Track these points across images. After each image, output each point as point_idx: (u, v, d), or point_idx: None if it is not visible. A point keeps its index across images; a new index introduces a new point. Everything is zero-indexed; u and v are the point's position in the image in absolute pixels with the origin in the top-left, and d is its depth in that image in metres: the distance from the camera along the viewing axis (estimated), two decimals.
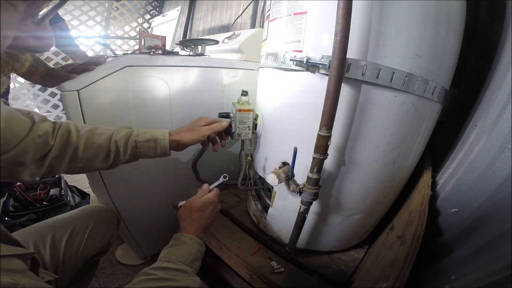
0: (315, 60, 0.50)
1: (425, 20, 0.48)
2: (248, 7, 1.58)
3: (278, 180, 0.59)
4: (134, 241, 1.00)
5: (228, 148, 1.10)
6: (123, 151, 0.55)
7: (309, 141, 0.53)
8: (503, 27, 0.60)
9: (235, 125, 0.70)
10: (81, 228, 0.65)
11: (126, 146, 0.56)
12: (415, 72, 0.49)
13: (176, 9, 1.95)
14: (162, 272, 0.44)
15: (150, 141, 0.58)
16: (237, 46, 1.08)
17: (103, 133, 0.55)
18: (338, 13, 0.43)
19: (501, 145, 0.39)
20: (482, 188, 0.41)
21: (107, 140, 0.54)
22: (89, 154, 0.53)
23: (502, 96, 0.45)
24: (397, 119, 0.53)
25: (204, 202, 0.58)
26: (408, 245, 0.39)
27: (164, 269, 0.44)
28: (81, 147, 0.52)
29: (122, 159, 0.56)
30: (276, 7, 0.59)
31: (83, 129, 0.54)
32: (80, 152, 0.52)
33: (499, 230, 0.32)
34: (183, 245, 0.50)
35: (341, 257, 0.73)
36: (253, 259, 0.70)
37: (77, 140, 0.52)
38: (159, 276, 0.43)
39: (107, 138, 0.55)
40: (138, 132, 0.58)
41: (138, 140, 0.57)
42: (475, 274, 0.31)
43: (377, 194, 0.63)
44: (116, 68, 0.72)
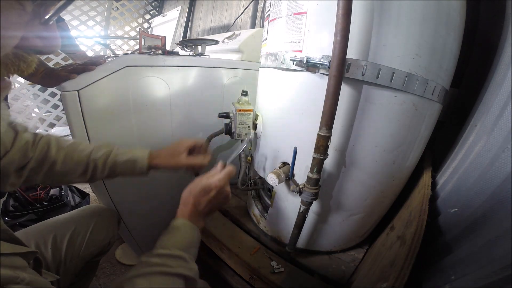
0: (315, 60, 0.50)
1: (425, 20, 0.48)
2: (248, 7, 1.58)
3: (278, 180, 0.59)
4: (134, 241, 1.00)
5: (228, 149, 1.10)
6: (101, 169, 0.57)
7: (309, 141, 0.53)
8: (503, 27, 0.60)
9: (235, 125, 0.70)
10: (83, 228, 0.65)
11: (104, 165, 0.57)
12: (415, 72, 0.49)
13: (176, 9, 1.95)
14: (157, 258, 0.43)
15: (129, 162, 0.59)
16: (237, 46, 1.08)
17: (82, 149, 0.57)
18: (338, 13, 0.43)
19: (501, 145, 0.39)
20: (482, 188, 0.41)
21: (86, 157, 0.56)
22: (67, 169, 0.55)
23: (502, 96, 0.45)
24: (397, 119, 0.53)
25: (204, 186, 0.54)
26: (408, 245, 0.39)
27: (158, 256, 0.43)
28: (59, 162, 0.53)
29: (99, 176, 0.58)
30: (276, 7, 0.59)
31: (63, 144, 0.55)
32: (58, 166, 0.53)
33: (499, 230, 0.32)
34: (177, 231, 0.49)
35: (341, 257, 0.73)
36: (253, 259, 0.70)
37: (56, 155, 0.53)
38: (153, 262, 0.42)
39: (86, 155, 0.56)
40: (117, 152, 0.59)
41: (117, 160, 0.58)
42: (475, 274, 0.31)
43: (377, 194, 0.63)
44: (116, 68, 0.72)
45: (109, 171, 0.58)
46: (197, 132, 0.97)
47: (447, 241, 0.44)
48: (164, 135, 0.90)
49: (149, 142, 0.88)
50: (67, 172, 0.55)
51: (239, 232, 0.82)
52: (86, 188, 1.49)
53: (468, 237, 0.39)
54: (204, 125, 0.98)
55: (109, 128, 0.77)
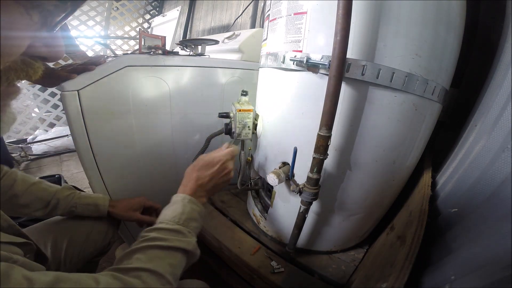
0: (315, 60, 0.50)
1: (425, 20, 0.48)
2: (248, 7, 1.58)
3: (278, 180, 0.59)
4: (134, 241, 1.00)
5: None
6: (62, 206, 0.63)
7: (309, 141, 0.53)
8: (503, 27, 0.60)
9: (235, 125, 0.70)
10: (83, 228, 0.66)
11: (66, 204, 0.64)
12: (415, 72, 0.49)
13: (176, 9, 1.95)
14: (155, 232, 0.43)
15: (90, 205, 0.67)
16: (237, 46, 1.08)
17: (46, 188, 0.63)
18: (338, 13, 0.43)
19: (501, 145, 0.39)
20: (482, 188, 0.41)
21: (50, 195, 0.62)
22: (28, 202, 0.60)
23: (502, 96, 0.45)
24: (397, 119, 0.53)
25: (208, 159, 0.55)
26: (408, 245, 0.39)
27: (156, 229, 0.44)
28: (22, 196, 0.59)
29: (58, 212, 0.64)
30: (276, 7, 0.59)
31: (29, 181, 0.62)
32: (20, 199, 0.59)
33: (499, 230, 0.32)
34: (176, 205, 0.49)
35: (341, 257, 0.73)
36: (253, 259, 0.70)
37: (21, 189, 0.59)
38: (151, 236, 0.42)
39: (50, 193, 0.63)
40: (80, 195, 0.67)
41: (79, 203, 0.66)
42: (475, 274, 0.31)
43: (377, 194, 0.63)
44: (116, 68, 0.72)
45: (69, 211, 0.65)
46: (197, 132, 0.97)
47: (447, 241, 0.44)
48: (164, 135, 0.90)
49: (149, 142, 0.88)
50: (28, 205, 0.60)
51: (239, 232, 0.82)
52: (86, 188, 1.49)
53: (468, 237, 0.39)
54: (204, 125, 0.98)
55: (109, 128, 0.77)
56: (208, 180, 0.54)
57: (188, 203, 0.50)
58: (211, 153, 0.57)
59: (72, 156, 2.13)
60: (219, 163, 0.55)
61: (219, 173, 0.55)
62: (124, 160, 0.84)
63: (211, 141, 0.86)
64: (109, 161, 0.81)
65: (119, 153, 0.82)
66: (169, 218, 0.46)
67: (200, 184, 0.53)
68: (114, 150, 0.81)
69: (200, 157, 0.57)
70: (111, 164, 0.81)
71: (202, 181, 0.53)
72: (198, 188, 0.53)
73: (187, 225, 0.46)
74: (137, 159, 0.86)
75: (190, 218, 0.48)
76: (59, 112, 2.34)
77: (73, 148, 2.00)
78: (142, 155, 0.87)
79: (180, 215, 0.47)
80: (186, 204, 0.49)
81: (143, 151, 0.87)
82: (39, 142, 2.24)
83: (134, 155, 0.85)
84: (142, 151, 0.87)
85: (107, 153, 0.79)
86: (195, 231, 0.48)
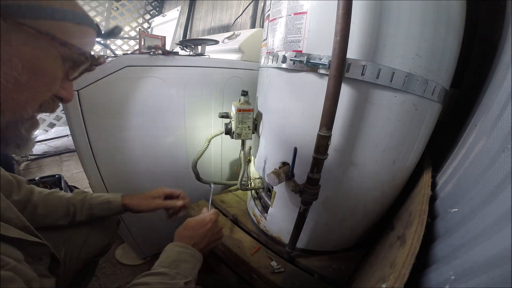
0: (315, 60, 0.50)
1: (425, 20, 0.48)
2: (248, 7, 1.58)
3: (278, 180, 0.59)
4: (134, 241, 1.00)
5: (228, 149, 1.10)
6: (79, 211, 0.63)
7: (309, 141, 0.53)
8: (503, 27, 0.60)
9: (235, 125, 0.70)
10: (82, 228, 0.65)
11: (82, 207, 0.64)
12: (415, 72, 0.49)
13: (176, 9, 1.95)
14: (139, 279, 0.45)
15: (104, 203, 0.66)
16: (237, 46, 1.08)
17: (61, 196, 0.64)
18: (338, 13, 0.43)
19: (501, 145, 0.39)
20: (482, 188, 0.40)
21: (66, 201, 0.63)
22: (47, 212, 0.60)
23: (502, 96, 0.45)
24: (397, 119, 0.53)
25: (199, 220, 0.59)
26: (408, 245, 0.39)
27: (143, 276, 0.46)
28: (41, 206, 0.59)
29: (78, 218, 0.63)
30: (276, 7, 0.59)
31: (44, 192, 0.63)
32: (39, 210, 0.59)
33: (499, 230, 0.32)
34: (163, 253, 0.52)
35: (341, 257, 0.73)
36: (253, 259, 0.70)
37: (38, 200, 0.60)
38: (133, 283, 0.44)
39: (66, 200, 0.63)
40: (92, 196, 0.66)
41: (92, 203, 0.65)
42: (475, 274, 0.31)
43: (377, 194, 0.63)
44: (116, 68, 0.72)
45: (87, 213, 0.64)
46: (197, 132, 0.97)
47: (447, 241, 0.44)
48: (163, 135, 0.90)
49: (149, 142, 0.88)
50: (47, 215, 0.60)
51: (239, 232, 0.82)
52: (86, 188, 1.49)
53: (468, 237, 0.39)
54: (204, 125, 0.98)
55: (109, 128, 0.77)
56: (202, 239, 0.57)
57: (174, 247, 0.52)
58: (196, 217, 0.60)
59: (72, 156, 2.13)
60: (210, 222, 0.59)
61: (212, 231, 0.59)
62: (124, 160, 0.84)
63: (211, 141, 0.86)
64: (109, 161, 0.81)
65: (119, 153, 0.82)
66: (155, 264, 0.48)
67: (194, 243, 0.55)
68: (114, 150, 0.81)
69: (189, 219, 0.59)
70: (111, 164, 0.81)
71: (195, 240, 0.56)
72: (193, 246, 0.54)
73: (176, 267, 0.48)
74: (137, 159, 0.86)
75: (178, 259, 0.50)
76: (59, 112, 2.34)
77: (73, 148, 2.00)
78: (142, 155, 0.87)
79: (165, 259, 0.49)
80: (173, 248, 0.52)
81: (143, 151, 0.87)
82: (39, 142, 2.24)
83: (134, 155, 0.85)
84: (142, 151, 0.87)
85: (107, 153, 0.79)
86: (187, 272, 0.49)
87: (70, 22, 0.32)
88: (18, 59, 0.29)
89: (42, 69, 0.32)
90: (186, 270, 0.49)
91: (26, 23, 0.28)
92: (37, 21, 0.29)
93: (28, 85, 0.31)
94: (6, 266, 0.31)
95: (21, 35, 0.29)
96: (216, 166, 1.09)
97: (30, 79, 0.30)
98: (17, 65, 0.29)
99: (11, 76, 0.29)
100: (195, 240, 0.56)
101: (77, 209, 0.63)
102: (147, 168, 0.90)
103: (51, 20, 0.30)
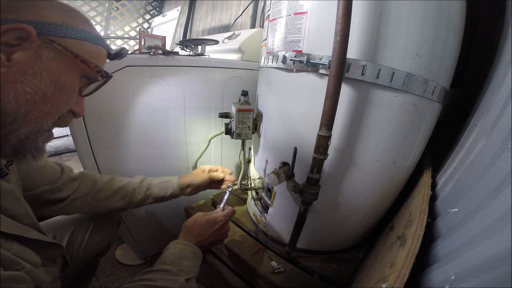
0: (315, 60, 0.50)
1: (425, 20, 0.48)
2: (248, 7, 1.57)
3: (278, 180, 0.59)
4: (134, 241, 1.00)
5: (228, 149, 1.10)
6: (137, 194, 0.67)
7: (309, 141, 0.53)
8: (503, 27, 0.60)
9: (235, 125, 0.70)
10: (82, 229, 0.65)
11: (140, 188, 0.68)
12: (415, 72, 0.49)
13: (176, 9, 1.95)
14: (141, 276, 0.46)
15: (163, 183, 0.71)
16: (237, 46, 1.08)
17: (122, 179, 0.68)
18: (338, 13, 0.43)
19: (501, 145, 0.39)
20: (482, 188, 0.40)
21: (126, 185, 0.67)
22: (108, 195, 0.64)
23: (502, 96, 0.45)
24: (397, 119, 0.53)
25: (211, 218, 0.60)
26: (408, 245, 0.39)
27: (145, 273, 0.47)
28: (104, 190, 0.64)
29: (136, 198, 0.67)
30: (276, 7, 0.59)
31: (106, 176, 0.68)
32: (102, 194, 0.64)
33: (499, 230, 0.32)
34: (166, 251, 0.53)
35: (341, 257, 0.73)
36: (253, 259, 0.70)
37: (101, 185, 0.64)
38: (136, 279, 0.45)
39: (125, 183, 0.67)
40: (151, 179, 0.72)
41: (152, 182, 0.70)
42: (476, 274, 0.31)
43: (377, 194, 0.63)
44: (116, 68, 0.72)
45: (144, 194, 0.68)
46: (197, 132, 0.97)
47: (447, 241, 0.44)
48: (163, 135, 0.90)
49: (149, 142, 0.88)
50: (109, 198, 0.64)
51: (239, 232, 0.82)
52: None
53: (468, 237, 0.39)
54: (204, 125, 0.98)
55: (109, 128, 0.77)
56: (207, 238, 0.59)
57: (177, 245, 0.54)
58: (211, 213, 0.62)
59: (72, 156, 2.13)
60: (220, 223, 0.61)
61: (218, 232, 0.60)
62: (124, 159, 0.84)
63: (211, 142, 0.86)
64: (109, 161, 0.81)
65: (119, 153, 0.82)
66: (158, 261, 0.50)
67: (198, 241, 0.57)
68: (114, 150, 0.81)
69: (200, 214, 0.61)
70: (111, 164, 0.81)
71: (201, 238, 0.57)
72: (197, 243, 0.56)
73: (179, 264, 0.49)
74: (137, 159, 0.86)
75: (180, 257, 0.51)
76: None
77: (73, 148, 2.00)
78: (142, 155, 0.87)
79: (169, 256, 0.51)
80: (176, 246, 0.53)
81: (143, 151, 0.87)
82: None
83: (134, 154, 0.85)
84: (142, 151, 0.87)
85: (107, 153, 0.79)
86: (189, 269, 0.50)
87: (89, 42, 0.36)
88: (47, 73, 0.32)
89: (64, 84, 0.35)
90: (188, 267, 0.50)
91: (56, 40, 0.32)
92: (64, 39, 0.33)
93: (52, 97, 0.33)
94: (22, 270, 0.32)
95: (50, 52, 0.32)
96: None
97: (54, 92, 0.33)
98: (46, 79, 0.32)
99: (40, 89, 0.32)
100: (200, 238, 0.57)
101: (135, 191, 0.67)
102: (147, 167, 0.90)
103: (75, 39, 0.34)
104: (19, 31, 0.29)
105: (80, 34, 0.35)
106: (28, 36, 0.29)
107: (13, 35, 0.29)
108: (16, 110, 0.31)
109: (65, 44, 0.33)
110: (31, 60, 0.31)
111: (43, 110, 0.33)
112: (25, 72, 0.30)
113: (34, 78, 0.31)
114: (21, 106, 0.31)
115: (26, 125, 0.32)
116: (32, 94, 0.31)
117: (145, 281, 0.44)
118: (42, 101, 0.32)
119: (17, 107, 0.30)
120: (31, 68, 0.31)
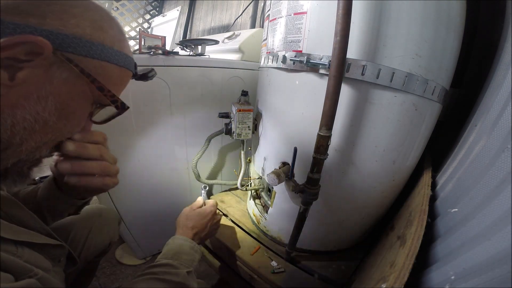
0: (315, 60, 0.50)
1: (425, 20, 0.48)
2: (248, 7, 1.57)
3: (278, 180, 0.59)
4: (134, 241, 1.00)
5: (228, 149, 1.10)
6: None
7: (309, 141, 0.53)
8: (503, 27, 0.60)
9: (235, 125, 0.70)
10: (83, 229, 0.65)
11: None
12: (415, 72, 0.49)
13: (176, 9, 1.95)
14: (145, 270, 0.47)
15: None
16: (237, 46, 1.08)
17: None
18: (338, 13, 0.43)
19: (501, 145, 0.39)
20: (482, 188, 0.40)
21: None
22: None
23: (502, 96, 0.45)
24: (397, 119, 0.53)
25: (200, 212, 0.63)
26: (408, 245, 0.39)
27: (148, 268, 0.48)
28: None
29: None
30: (276, 7, 0.59)
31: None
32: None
33: (499, 230, 0.32)
34: (165, 247, 0.54)
35: (341, 257, 0.73)
36: (253, 259, 0.70)
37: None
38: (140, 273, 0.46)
39: None
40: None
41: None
42: (476, 274, 0.31)
43: (377, 194, 0.63)
44: None
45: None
46: (197, 132, 0.97)
47: (447, 241, 0.44)
48: (163, 135, 0.90)
49: (149, 142, 0.88)
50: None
51: (239, 232, 0.82)
52: None
53: (468, 237, 0.39)
54: (204, 125, 0.98)
55: (108, 128, 0.77)
56: (204, 228, 0.60)
57: (176, 240, 0.55)
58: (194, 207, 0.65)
59: None
60: (211, 213, 0.63)
61: (211, 222, 0.63)
62: (124, 159, 0.84)
63: (211, 141, 0.86)
64: None
65: (118, 153, 0.82)
66: (159, 257, 0.51)
67: (195, 232, 0.58)
68: (114, 150, 0.81)
69: (188, 209, 0.64)
70: None
71: (197, 229, 0.59)
72: (194, 236, 0.58)
73: (178, 258, 0.50)
74: (137, 158, 0.86)
75: (179, 252, 0.52)
76: None
77: None
78: (142, 154, 0.87)
79: (168, 252, 0.52)
80: (175, 242, 0.55)
81: (143, 151, 0.87)
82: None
83: (134, 154, 0.85)
84: (142, 151, 0.87)
85: None
86: (188, 263, 0.51)
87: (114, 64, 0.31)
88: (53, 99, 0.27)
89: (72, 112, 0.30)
90: (187, 262, 0.51)
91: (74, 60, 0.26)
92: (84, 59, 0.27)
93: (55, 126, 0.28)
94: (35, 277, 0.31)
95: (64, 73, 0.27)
96: (216, 166, 1.09)
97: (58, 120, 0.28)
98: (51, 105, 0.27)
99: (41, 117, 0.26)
100: (197, 229, 0.59)
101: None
102: (147, 167, 0.90)
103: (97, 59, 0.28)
104: (31, 44, 0.23)
105: (105, 54, 0.29)
106: (42, 52, 0.24)
107: (24, 49, 0.23)
108: (11, 140, 0.25)
109: (84, 65, 0.28)
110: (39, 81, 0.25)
111: (41, 140, 0.28)
112: (29, 96, 0.25)
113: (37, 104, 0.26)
114: (16, 136, 0.26)
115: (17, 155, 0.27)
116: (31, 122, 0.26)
117: (149, 275, 0.45)
118: (42, 130, 0.27)
119: (12, 136, 0.25)
120: (37, 91, 0.25)
